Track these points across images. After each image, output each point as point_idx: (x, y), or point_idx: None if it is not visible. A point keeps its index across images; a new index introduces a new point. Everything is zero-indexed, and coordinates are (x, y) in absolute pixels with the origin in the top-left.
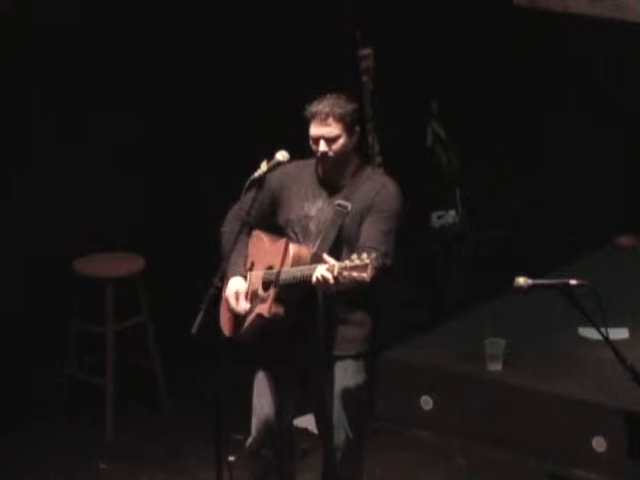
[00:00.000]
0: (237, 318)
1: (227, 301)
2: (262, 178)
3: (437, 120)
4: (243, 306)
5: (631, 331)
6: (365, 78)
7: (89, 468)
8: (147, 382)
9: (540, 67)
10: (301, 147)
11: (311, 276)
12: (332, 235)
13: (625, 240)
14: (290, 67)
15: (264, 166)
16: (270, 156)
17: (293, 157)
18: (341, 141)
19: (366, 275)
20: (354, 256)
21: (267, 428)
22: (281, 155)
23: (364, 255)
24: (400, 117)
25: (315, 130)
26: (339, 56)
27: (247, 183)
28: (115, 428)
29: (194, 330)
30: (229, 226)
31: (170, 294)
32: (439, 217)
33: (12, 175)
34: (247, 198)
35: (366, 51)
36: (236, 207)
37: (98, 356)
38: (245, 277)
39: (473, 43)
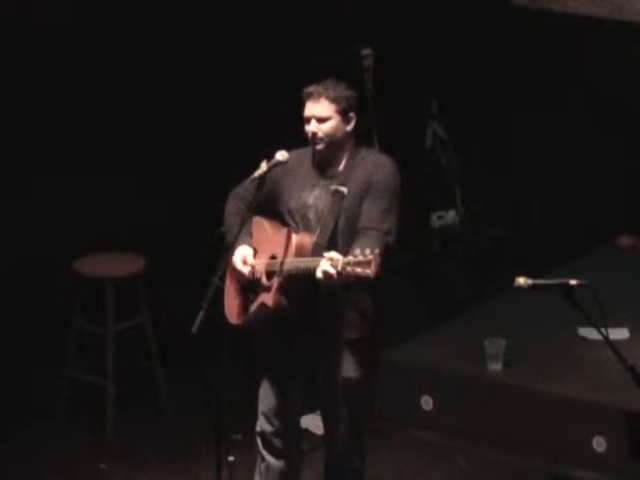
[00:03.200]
0: (241, 306)
1: (234, 265)
2: (262, 178)
3: (437, 120)
4: (249, 268)
5: (631, 331)
6: (365, 78)
7: (89, 468)
8: (147, 382)
9: (540, 67)
10: (302, 146)
11: (314, 269)
12: (331, 223)
13: (625, 240)
14: (290, 67)
15: (264, 166)
16: (270, 156)
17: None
18: (332, 122)
19: (370, 271)
20: (357, 251)
21: (275, 417)
22: (281, 155)
23: (367, 250)
24: (400, 117)
25: (307, 109)
26: (339, 56)
27: (247, 183)
28: (115, 428)
29: (194, 330)
30: (230, 220)
31: (170, 294)
32: (439, 217)
33: (12, 175)
34: (246, 189)
35: (366, 51)
36: (237, 191)
37: (98, 356)
38: (252, 247)
39: (473, 43)
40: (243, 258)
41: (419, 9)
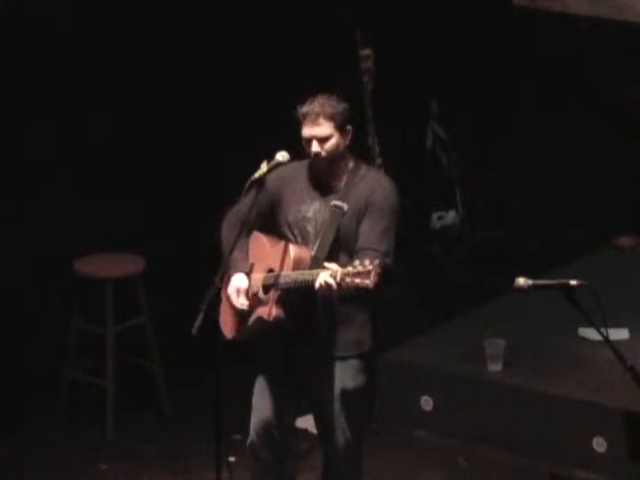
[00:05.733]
0: (237, 320)
1: (229, 298)
2: (262, 179)
3: (437, 120)
4: (242, 302)
5: (631, 331)
6: (365, 79)
7: (89, 468)
8: (147, 382)
9: (540, 67)
10: (301, 147)
11: (313, 281)
12: (330, 236)
13: (625, 241)
14: (290, 67)
15: (264, 167)
16: (270, 156)
17: (293, 157)
18: (333, 140)
19: (369, 282)
20: (357, 262)
21: (266, 430)
22: (281, 156)
23: (367, 261)
24: (400, 117)
25: (307, 131)
26: (339, 56)
27: (247, 184)
28: (115, 428)
29: (194, 331)
30: (228, 228)
31: (170, 294)
32: (439, 218)
33: (11, 174)
34: (246, 199)
35: (366, 52)
36: (234, 209)
37: (98, 356)
38: (247, 274)
39: (473, 43)
40: (237, 291)
41: (419, 9)
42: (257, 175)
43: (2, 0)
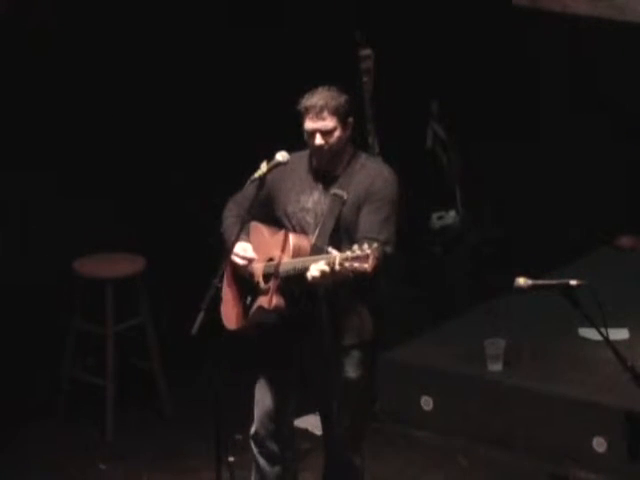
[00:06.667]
0: (239, 311)
1: (236, 255)
2: (262, 179)
3: (437, 120)
4: (250, 255)
5: (631, 331)
6: (365, 79)
7: (89, 468)
8: (147, 382)
9: (540, 67)
10: (301, 147)
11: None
12: (330, 225)
13: (625, 240)
14: (290, 67)
15: (264, 166)
16: (270, 156)
17: None
18: (336, 134)
19: (367, 265)
20: (355, 246)
21: (270, 420)
22: (281, 156)
23: (365, 246)
24: (400, 117)
25: (310, 124)
26: (339, 56)
27: (247, 184)
28: (115, 428)
29: (194, 331)
30: (230, 217)
31: (170, 294)
32: (439, 218)
33: (11, 174)
34: (245, 195)
35: (366, 52)
36: (237, 198)
37: (98, 356)
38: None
39: (473, 43)
40: (243, 249)
41: (419, 9)
42: (257, 175)
43: (4, 6)
